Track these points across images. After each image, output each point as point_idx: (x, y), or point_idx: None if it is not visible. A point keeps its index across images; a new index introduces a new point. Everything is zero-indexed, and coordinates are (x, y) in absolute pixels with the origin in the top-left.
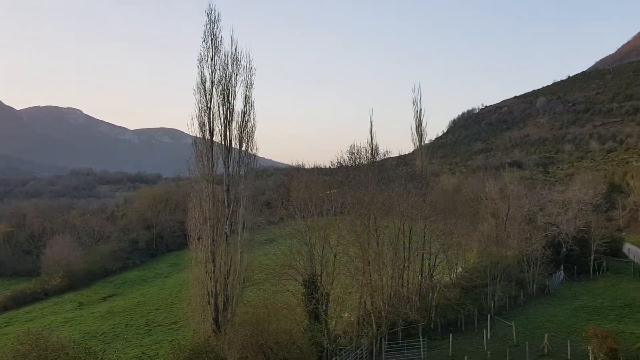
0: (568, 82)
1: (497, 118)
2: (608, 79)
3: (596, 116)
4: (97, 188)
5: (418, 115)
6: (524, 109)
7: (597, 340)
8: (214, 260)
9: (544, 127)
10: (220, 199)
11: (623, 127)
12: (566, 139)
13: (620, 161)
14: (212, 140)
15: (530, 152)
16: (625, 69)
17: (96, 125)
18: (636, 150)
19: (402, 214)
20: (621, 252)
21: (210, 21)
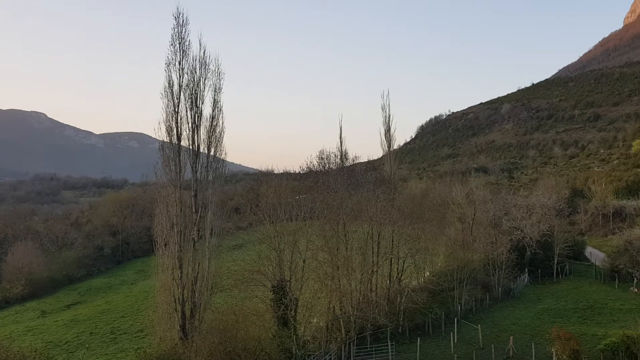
0: (532, 89)
1: (464, 124)
2: (570, 87)
3: (559, 123)
4: (61, 193)
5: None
6: (489, 115)
7: (560, 342)
8: (181, 266)
9: (509, 133)
10: (188, 205)
11: (585, 134)
12: (530, 145)
13: (582, 167)
14: (179, 145)
15: (495, 157)
16: (587, 76)
17: (61, 129)
18: (597, 156)
19: (370, 219)
20: (583, 256)
21: (178, 25)
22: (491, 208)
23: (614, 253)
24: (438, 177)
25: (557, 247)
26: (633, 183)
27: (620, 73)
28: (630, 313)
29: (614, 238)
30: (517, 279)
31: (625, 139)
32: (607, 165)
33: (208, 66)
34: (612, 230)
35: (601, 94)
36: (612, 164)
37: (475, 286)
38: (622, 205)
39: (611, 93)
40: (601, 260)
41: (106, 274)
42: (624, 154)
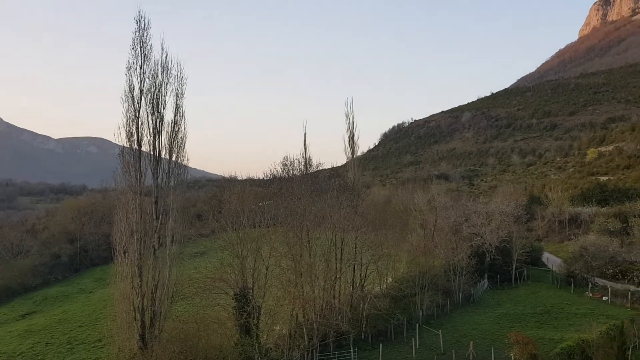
0: (491, 99)
1: (426, 132)
2: (528, 96)
3: (517, 131)
4: (17, 200)
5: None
6: (450, 124)
7: (518, 347)
8: (140, 274)
9: (469, 141)
10: (149, 212)
11: (542, 142)
12: (490, 153)
13: (539, 174)
14: (140, 150)
15: (456, 164)
16: (544, 86)
17: (17, 134)
18: (554, 164)
19: (334, 226)
20: (540, 261)
21: (139, 28)
22: (452, 214)
23: (569, 259)
24: (401, 184)
25: (515, 253)
26: (588, 190)
27: (575, 84)
28: (585, 317)
29: (570, 244)
30: (477, 284)
31: (581, 147)
32: (563, 173)
33: (170, 71)
34: (568, 236)
35: (558, 104)
36: (568, 172)
37: (436, 292)
38: (577, 212)
39: (567, 103)
40: (557, 265)
41: (63, 283)
42: (579, 162)
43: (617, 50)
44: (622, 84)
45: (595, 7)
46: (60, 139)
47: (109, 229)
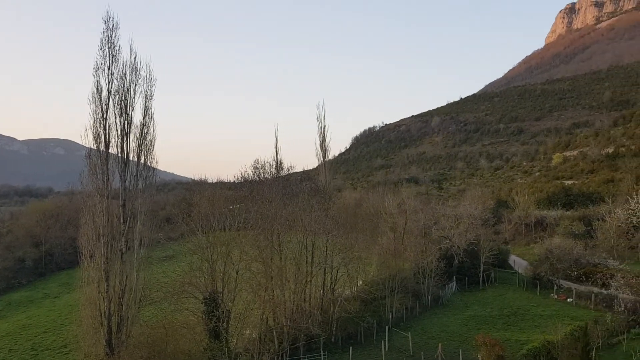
0: (460, 104)
1: (396, 136)
2: (496, 102)
3: (485, 136)
4: None
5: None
6: (420, 128)
7: (485, 348)
8: (107, 279)
9: (439, 145)
10: (116, 215)
11: (509, 147)
12: (458, 157)
13: (506, 178)
14: (107, 152)
15: (426, 168)
16: (511, 92)
17: None
18: (520, 169)
19: (305, 229)
20: (507, 264)
21: (108, 29)
22: (421, 218)
23: (535, 261)
24: (371, 187)
25: (483, 256)
26: (553, 194)
27: (541, 90)
28: (550, 319)
29: (536, 247)
30: (445, 287)
31: (546, 152)
32: (529, 177)
33: (139, 72)
34: (534, 239)
35: (524, 109)
36: (534, 176)
37: (406, 294)
38: (543, 215)
39: (533, 108)
40: (524, 268)
41: (28, 287)
42: (545, 166)
43: (581, 57)
44: (586, 90)
45: (561, 15)
46: (26, 140)
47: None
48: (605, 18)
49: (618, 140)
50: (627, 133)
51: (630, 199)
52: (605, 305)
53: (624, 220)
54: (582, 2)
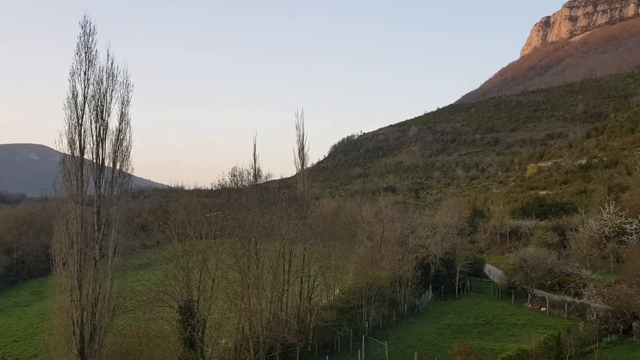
0: (437, 114)
1: (374, 145)
2: (472, 112)
3: (461, 146)
4: None
5: (301, 139)
6: (398, 137)
7: (461, 357)
8: (80, 287)
9: (416, 154)
10: (90, 222)
11: (485, 157)
12: (435, 166)
13: (482, 188)
14: (82, 158)
15: (403, 177)
16: (487, 103)
17: None
18: (496, 179)
19: (282, 237)
20: (482, 273)
21: (84, 34)
22: (398, 226)
23: (510, 270)
24: (349, 196)
25: (458, 265)
26: (528, 204)
27: (517, 101)
28: (524, 328)
29: (510, 256)
30: (421, 296)
31: (521, 162)
32: (504, 187)
33: (116, 77)
34: (509, 248)
35: (500, 120)
36: (509, 186)
37: (382, 303)
38: (517, 225)
39: (509, 119)
40: (499, 277)
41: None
42: (519, 176)
43: (556, 70)
44: (560, 102)
45: (536, 28)
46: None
47: (48, 240)
48: (579, 32)
49: (591, 151)
50: (600, 145)
51: (603, 210)
52: (578, 314)
53: (596, 231)
54: (556, 16)
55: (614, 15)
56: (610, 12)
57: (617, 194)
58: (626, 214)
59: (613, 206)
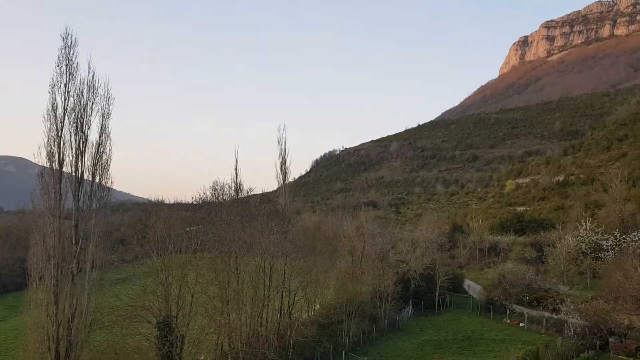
0: (418, 130)
1: (356, 160)
2: (452, 129)
3: (441, 162)
4: None
5: (283, 154)
6: (379, 153)
7: None
8: (57, 302)
9: (397, 170)
10: (68, 235)
11: (464, 173)
12: (416, 182)
13: (461, 204)
14: (61, 171)
15: (384, 192)
16: (467, 120)
17: None
18: (475, 194)
19: (263, 252)
20: (462, 288)
21: (65, 46)
22: (379, 241)
23: (489, 286)
24: (331, 211)
25: (438, 280)
26: (506, 220)
27: (495, 118)
28: (503, 343)
29: (489, 271)
30: (402, 311)
31: (500, 179)
32: (483, 203)
33: (97, 90)
34: (488, 264)
35: (479, 137)
36: (488, 202)
37: (363, 318)
38: (496, 241)
39: (488, 136)
40: (478, 292)
41: None
42: (498, 192)
43: (533, 88)
44: (538, 120)
45: (514, 47)
46: None
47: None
48: (556, 51)
49: (568, 168)
50: (577, 162)
51: (579, 226)
52: (556, 329)
53: (574, 247)
54: (534, 36)
55: (589, 35)
56: (586, 32)
57: (593, 211)
58: (602, 230)
59: (589, 223)
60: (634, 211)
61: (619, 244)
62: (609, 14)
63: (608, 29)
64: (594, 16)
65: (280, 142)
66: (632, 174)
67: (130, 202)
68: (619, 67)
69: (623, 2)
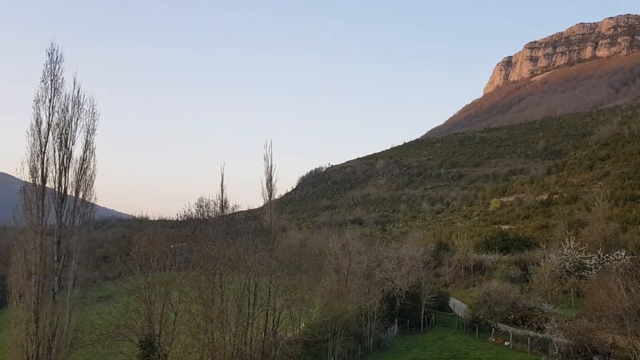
0: (404, 148)
1: (342, 177)
2: (437, 147)
3: (427, 180)
4: None
5: (269, 170)
6: (365, 170)
7: None
8: (37, 320)
9: (383, 187)
10: (50, 252)
11: (449, 191)
12: (401, 200)
13: (447, 222)
14: (44, 187)
15: (370, 210)
16: (452, 139)
17: None
18: (460, 212)
19: (248, 269)
20: (447, 306)
21: (51, 61)
22: (365, 259)
23: (474, 304)
24: (316, 228)
25: (424, 298)
26: (491, 238)
27: (480, 137)
28: None
29: (474, 290)
30: (387, 330)
31: (485, 197)
32: (468, 221)
33: (82, 106)
34: (473, 282)
35: (464, 155)
36: (473, 220)
37: (348, 337)
38: (481, 259)
39: (472, 155)
40: (463, 311)
41: None
42: (483, 211)
43: (517, 107)
44: (521, 139)
45: (498, 67)
46: None
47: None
48: (540, 72)
49: (551, 187)
50: (560, 181)
51: (563, 245)
52: (541, 348)
53: (558, 265)
54: (518, 56)
55: (572, 56)
56: (569, 53)
57: (577, 230)
58: (586, 249)
59: (573, 241)
60: (616, 230)
61: (602, 263)
62: (590, 35)
63: (590, 51)
64: (576, 38)
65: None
66: (615, 193)
67: (114, 219)
68: (600, 87)
69: (604, 25)
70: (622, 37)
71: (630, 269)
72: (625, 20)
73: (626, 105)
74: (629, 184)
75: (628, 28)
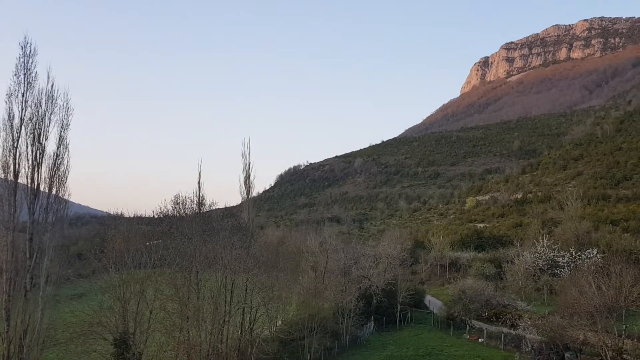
0: (382, 146)
1: (320, 175)
2: (415, 146)
3: (404, 178)
4: None
5: (247, 168)
6: (343, 168)
7: None
8: (8, 318)
9: (361, 185)
10: (22, 249)
11: (426, 189)
12: (379, 198)
13: (423, 220)
14: (16, 182)
15: (348, 208)
16: (429, 138)
17: None
18: (437, 211)
19: (225, 267)
20: (423, 304)
21: (24, 55)
22: (342, 257)
23: (449, 301)
24: (294, 226)
25: (400, 295)
26: (467, 236)
27: (457, 137)
28: (463, 359)
29: (450, 287)
30: (363, 327)
31: (461, 195)
32: (445, 219)
33: (56, 100)
34: (448, 279)
35: (441, 154)
36: (449, 218)
37: (325, 334)
38: (457, 257)
39: (449, 154)
40: (439, 308)
41: None
42: (459, 209)
43: (493, 107)
44: (497, 138)
45: (475, 67)
46: None
47: None
48: (515, 73)
49: (526, 186)
50: (534, 180)
51: (537, 243)
52: (514, 345)
53: (531, 263)
54: (494, 57)
55: (547, 58)
56: (544, 54)
57: (550, 228)
58: (559, 247)
59: (546, 240)
60: (588, 229)
61: (575, 261)
62: (565, 37)
63: (565, 52)
64: (552, 39)
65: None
66: (587, 192)
67: (88, 216)
68: (574, 89)
69: (579, 27)
70: (595, 39)
71: (601, 267)
72: (599, 23)
73: (599, 107)
74: (601, 184)
75: (602, 30)
